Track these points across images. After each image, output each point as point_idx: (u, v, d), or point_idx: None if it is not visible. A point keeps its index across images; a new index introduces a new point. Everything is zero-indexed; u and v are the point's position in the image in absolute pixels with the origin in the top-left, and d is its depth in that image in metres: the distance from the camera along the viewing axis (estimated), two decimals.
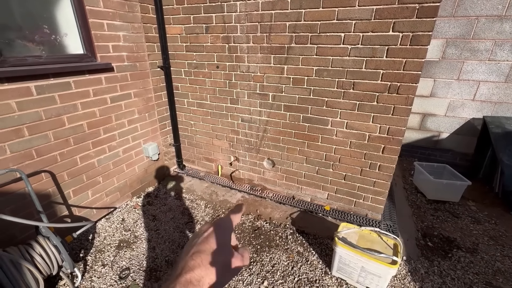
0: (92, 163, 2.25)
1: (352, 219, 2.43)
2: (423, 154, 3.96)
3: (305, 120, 2.38)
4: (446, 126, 3.67)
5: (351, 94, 2.10)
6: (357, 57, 1.98)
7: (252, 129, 2.68)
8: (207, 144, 3.06)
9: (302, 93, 2.29)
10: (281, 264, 2.02)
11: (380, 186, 2.29)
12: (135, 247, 2.16)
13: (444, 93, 3.53)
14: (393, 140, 2.09)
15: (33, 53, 1.77)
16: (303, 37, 2.11)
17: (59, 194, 2.04)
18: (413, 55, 1.82)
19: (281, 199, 2.73)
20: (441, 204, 2.97)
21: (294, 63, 2.22)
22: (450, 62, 3.38)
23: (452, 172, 3.09)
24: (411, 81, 1.88)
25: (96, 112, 2.19)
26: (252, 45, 2.33)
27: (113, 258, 2.04)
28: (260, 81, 2.43)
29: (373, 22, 1.85)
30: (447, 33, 3.28)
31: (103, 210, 2.44)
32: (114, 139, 2.41)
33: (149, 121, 2.76)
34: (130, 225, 2.39)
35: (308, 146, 2.46)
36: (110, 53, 2.21)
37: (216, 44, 2.49)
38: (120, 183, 2.56)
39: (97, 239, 2.22)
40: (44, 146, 1.88)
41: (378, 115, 2.07)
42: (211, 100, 2.78)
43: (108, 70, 2.21)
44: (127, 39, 2.34)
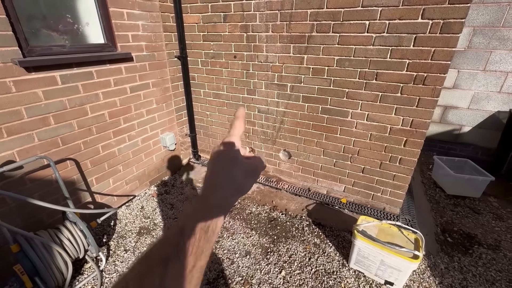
0: (113, 152, 2.30)
1: (369, 212, 2.41)
2: (442, 148, 3.85)
3: (324, 111, 2.33)
4: (468, 120, 3.53)
5: (374, 85, 2.04)
6: (382, 46, 1.91)
7: (269, 120, 2.66)
8: (223, 135, 3.06)
9: (322, 83, 2.24)
10: (298, 255, 2.03)
11: (400, 180, 2.24)
12: (155, 233, 2.22)
13: (468, 84, 3.37)
14: (417, 133, 2.03)
15: (57, 43, 1.79)
16: (325, 25, 2.04)
17: (83, 182, 2.10)
18: (443, 43, 1.73)
19: (297, 191, 2.73)
20: (460, 199, 2.89)
21: (314, 52, 2.17)
22: (476, 52, 3.21)
23: (474, 167, 2.99)
24: (439, 72, 1.80)
25: (117, 101, 2.22)
26: (272, 34, 2.28)
27: (134, 244, 2.11)
28: (278, 71, 2.39)
29: (401, 8, 1.77)
30: (475, 21, 3.11)
31: (123, 198, 2.51)
32: (134, 129, 2.44)
33: (166, 111, 2.79)
34: (149, 213, 2.45)
35: (326, 138, 2.43)
36: (129, 43, 2.21)
37: (234, 33, 2.46)
38: (139, 171, 2.62)
39: (118, 225, 2.29)
40: (69, 134, 1.93)
41: (402, 107, 2.00)
42: (228, 90, 2.77)
43: (128, 59, 2.22)
44: (146, 28, 2.33)
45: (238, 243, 2.14)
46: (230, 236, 2.21)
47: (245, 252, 2.05)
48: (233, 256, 2.02)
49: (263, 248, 2.10)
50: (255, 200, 2.69)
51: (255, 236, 2.21)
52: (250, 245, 2.12)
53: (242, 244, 2.13)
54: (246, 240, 2.17)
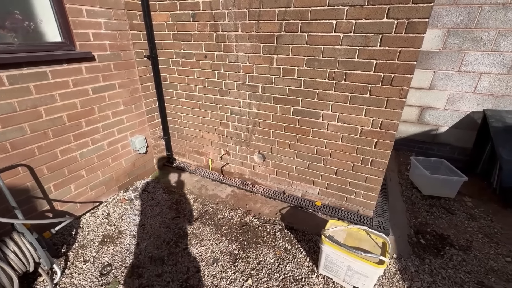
0: (74, 157, 2.18)
1: (343, 215, 2.37)
2: (420, 148, 3.87)
3: (295, 113, 2.28)
4: (445, 120, 3.56)
5: (343, 86, 2.00)
6: (350, 46, 1.87)
7: (242, 121, 2.59)
8: (197, 137, 2.97)
9: (293, 84, 2.18)
10: (267, 261, 1.96)
11: (372, 182, 2.21)
12: (119, 242, 2.11)
13: (444, 85, 3.40)
14: (386, 134, 2.00)
15: (4, 41, 1.67)
16: (293, 24, 1.99)
17: (38, 189, 1.97)
18: (408, 44, 1.70)
19: (272, 194, 2.67)
20: (436, 200, 2.90)
21: (284, 52, 2.11)
22: (451, 53, 3.24)
23: (449, 167, 3.01)
24: (405, 72, 1.78)
25: (77, 103, 2.10)
26: (241, 34, 2.21)
27: (95, 254, 2.00)
28: (249, 72, 2.33)
29: (367, 8, 1.73)
30: (449, 22, 3.14)
31: (88, 205, 2.39)
32: (98, 132, 2.32)
33: (136, 113, 2.67)
34: (115, 220, 2.33)
35: (299, 140, 2.38)
36: (90, 41, 2.10)
37: (203, 33, 2.37)
38: (105, 177, 2.49)
39: (80, 234, 2.17)
40: (19, 139, 1.80)
41: (371, 108, 1.97)
42: (200, 91, 2.68)
43: (89, 59, 2.10)
44: (109, 26, 2.22)
45: (206, 250, 2.06)
46: (199, 243, 2.12)
47: (212, 260, 1.97)
48: (199, 264, 1.94)
49: (231, 255, 2.02)
50: (229, 204, 2.61)
51: (225, 242, 2.13)
52: (219, 252, 2.04)
53: (210, 251, 2.04)
54: (215, 247, 2.09)
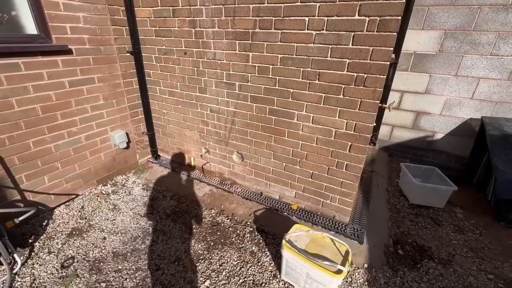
0: (48, 148, 2.20)
1: (318, 220, 2.28)
2: (415, 155, 3.71)
3: (271, 112, 2.22)
4: (441, 126, 3.40)
5: (317, 86, 1.93)
6: (322, 45, 1.80)
7: (221, 120, 2.55)
8: (180, 134, 2.96)
9: (268, 83, 2.13)
10: (230, 263, 1.91)
11: (347, 187, 2.12)
12: (87, 236, 2.11)
13: (440, 90, 3.25)
14: (360, 137, 1.91)
15: None
16: (267, 21, 1.93)
17: (8, 178, 2.00)
18: (380, 43, 1.62)
19: (249, 195, 2.61)
20: (424, 209, 2.76)
21: (259, 50, 2.06)
22: (448, 56, 3.09)
23: (440, 176, 2.86)
24: (378, 73, 1.69)
25: (52, 96, 2.13)
26: (218, 30, 2.18)
27: (61, 246, 2.00)
28: (226, 69, 2.29)
29: (338, 4, 1.66)
30: (446, 24, 2.99)
31: (63, 197, 2.41)
32: (75, 125, 2.34)
33: (117, 108, 2.68)
34: (88, 214, 2.34)
35: (275, 141, 2.31)
36: (68, 35, 2.12)
37: (183, 29, 2.36)
38: (82, 170, 2.51)
39: (50, 226, 2.19)
40: None
41: (345, 110, 1.89)
42: (181, 88, 2.67)
43: (65, 52, 2.12)
44: (89, 21, 2.24)
45: (171, 248, 2.03)
46: (165, 241, 2.09)
47: (174, 259, 1.93)
48: (160, 262, 1.90)
49: (195, 254, 1.98)
50: (205, 203, 2.57)
51: (192, 241, 2.09)
52: (183, 251, 2.00)
53: (174, 250, 2.01)
54: (181, 246, 2.05)
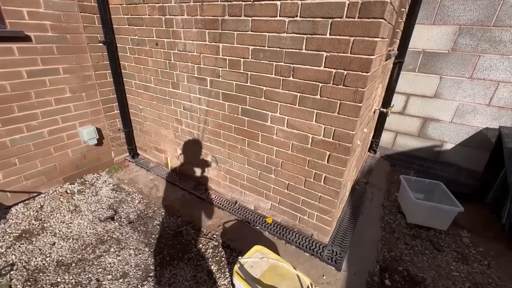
0: (3, 143, 2.05)
1: (293, 238, 1.99)
2: (421, 166, 3.32)
3: (243, 113, 1.95)
4: (451, 135, 2.99)
5: (291, 83, 1.64)
6: (296, 34, 1.50)
7: (194, 119, 2.31)
8: (156, 132, 2.75)
9: (239, 79, 1.86)
10: (181, 284, 1.66)
11: (325, 203, 1.82)
12: (36, 240, 1.94)
13: (452, 94, 2.85)
14: (340, 147, 1.60)
15: None
16: (236, 6, 1.66)
17: None
18: (362, 31, 1.31)
19: (222, 204, 2.36)
20: (424, 230, 2.40)
21: (228, 41, 1.79)
22: (462, 56, 2.69)
23: (445, 193, 2.49)
24: (360, 69, 1.38)
25: (6, 86, 1.96)
26: (187, 18, 1.93)
27: (4, 250, 1.84)
28: (197, 63, 2.04)
29: None
30: (461, 18, 2.60)
31: (22, 195, 2.26)
32: (35, 119, 2.18)
33: (88, 102, 2.51)
34: (45, 215, 2.17)
35: (249, 145, 2.04)
36: (25, 20, 1.95)
37: (153, 17, 2.13)
38: (45, 167, 2.35)
39: (1, 226, 2.03)
40: None
41: (322, 113, 1.59)
42: (155, 83, 2.45)
43: (22, 39, 1.95)
44: (51, 6, 2.06)
45: (121, 261, 1.81)
46: (117, 251, 1.88)
47: (121, 274, 1.71)
48: (105, 277, 1.69)
49: (146, 270, 1.75)
50: (173, 210, 2.35)
51: (146, 254, 1.87)
52: (133, 265, 1.78)
53: (124, 263, 1.79)
54: (132, 258, 1.83)
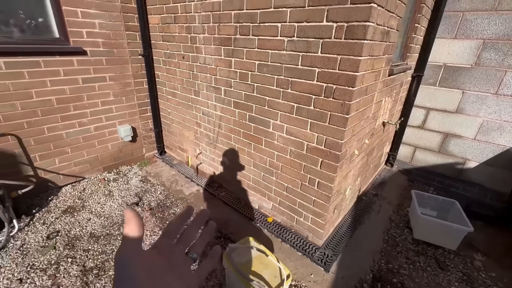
0: (60, 135, 2.56)
1: (288, 237, 2.14)
2: (441, 183, 3.18)
3: (250, 119, 2.18)
4: (475, 153, 2.85)
5: (289, 95, 1.83)
6: (293, 52, 1.70)
7: (210, 123, 2.60)
8: (180, 133, 3.12)
9: (247, 89, 2.10)
10: None
11: (319, 207, 1.94)
12: (77, 215, 2.38)
13: (475, 110, 2.73)
14: (330, 154, 1.73)
15: (6, 35, 2.10)
16: (245, 27, 1.92)
17: (24, 156, 2.39)
18: (348, 51, 1.46)
19: (230, 201, 2.59)
20: (432, 248, 2.34)
21: (239, 56, 2.05)
22: (486, 71, 2.59)
23: (459, 212, 2.40)
24: (346, 84, 1.52)
25: (66, 90, 2.48)
26: (207, 36, 2.25)
27: (53, 220, 2.30)
28: (214, 74, 2.34)
29: (307, 9, 1.55)
30: (485, 32, 2.52)
31: (70, 178, 2.76)
32: (85, 116, 2.68)
33: (127, 105, 2.97)
34: (86, 196, 2.64)
35: (254, 149, 2.26)
36: (83, 38, 2.45)
37: (181, 34, 2.50)
38: (90, 156, 2.84)
39: (53, 201, 2.53)
40: (11, 113, 2.23)
41: (315, 122, 1.74)
42: (181, 90, 2.82)
43: (80, 53, 2.45)
44: (104, 26, 2.55)
45: None
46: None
47: None
48: None
49: None
50: (188, 202, 2.65)
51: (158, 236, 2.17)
52: (147, 244, 2.09)
53: None
54: (148, 238, 2.15)
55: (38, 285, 1.73)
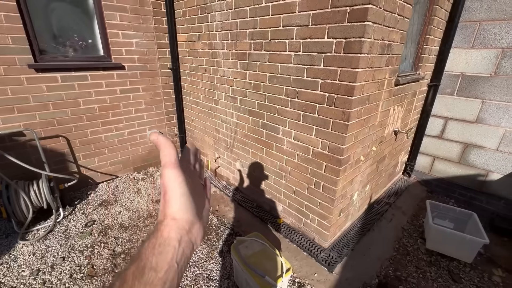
0: (100, 138, 2.96)
1: (295, 238, 2.25)
2: (463, 196, 3.07)
3: (263, 126, 2.37)
4: (498, 164, 2.74)
5: (296, 103, 2.00)
6: (299, 65, 1.88)
7: (228, 129, 2.84)
8: (201, 139, 3.40)
9: (260, 98, 2.31)
10: (197, 256, 2.12)
11: (324, 209, 2.04)
12: (110, 207, 2.72)
13: (497, 120, 2.66)
14: (333, 158, 1.85)
15: (63, 54, 2.55)
16: (258, 44, 2.15)
17: (71, 155, 2.81)
18: (346, 64, 1.60)
19: (244, 202, 2.77)
20: (447, 260, 2.30)
21: (253, 69, 2.28)
22: (507, 80, 2.54)
23: (476, 224, 2.33)
24: (346, 93, 1.66)
25: (107, 99, 2.89)
26: (226, 51, 2.52)
27: (91, 211, 2.66)
28: (231, 85, 2.59)
29: (310, 28, 1.74)
30: (504, 41, 2.49)
31: (106, 176, 3.15)
32: (121, 122, 3.07)
33: (156, 112, 3.34)
34: (118, 192, 2.99)
35: (266, 153, 2.44)
36: (123, 56, 2.86)
37: (204, 50, 2.80)
38: (123, 157, 3.22)
39: (92, 195, 2.91)
40: (63, 118, 2.66)
41: (319, 129, 1.89)
42: (203, 100, 3.11)
43: (120, 68, 2.86)
44: (139, 45, 2.95)
45: None
46: None
47: None
48: None
49: None
50: None
51: None
52: None
53: None
54: None
55: (77, 263, 2.04)
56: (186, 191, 0.36)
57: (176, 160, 0.37)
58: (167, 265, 0.31)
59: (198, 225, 0.38)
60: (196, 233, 0.37)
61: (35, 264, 2.03)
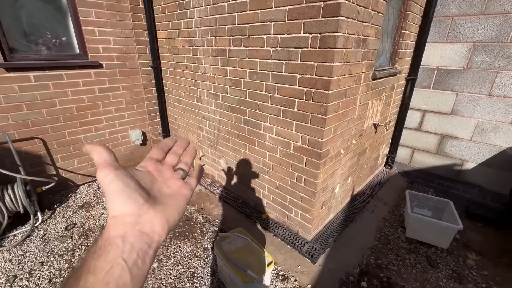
0: (79, 138, 2.88)
1: (280, 232, 2.28)
2: (440, 185, 3.19)
3: (245, 122, 2.38)
4: (472, 154, 2.87)
5: (276, 99, 2.01)
6: (277, 60, 1.89)
7: (211, 126, 2.83)
8: (185, 137, 3.36)
9: (241, 95, 2.30)
10: (182, 254, 2.11)
11: (306, 203, 2.08)
12: (92, 209, 2.66)
13: (470, 111, 2.77)
14: (313, 152, 1.88)
15: (35, 52, 2.45)
16: (237, 39, 2.14)
17: (48, 157, 2.72)
18: (322, 58, 1.63)
19: (229, 199, 2.77)
20: (425, 247, 2.39)
21: (233, 65, 2.27)
22: (478, 73, 2.64)
23: (453, 212, 2.43)
24: (323, 88, 1.68)
25: (85, 99, 2.80)
26: (206, 48, 2.49)
27: (71, 213, 2.58)
28: (212, 82, 2.57)
29: (287, 23, 1.75)
30: (475, 36, 2.59)
31: (87, 177, 3.07)
32: (101, 122, 2.99)
33: (137, 111, 3.27)
34: (100, 193, 2.92)
35: (249, 149, 2.44)
36: (100, 53, 2.78)
37: (184, 47, 2.77)
38: None
39: (72, 198, 2.83)
40: (38, 119, 2.57)
41: (299, 124, 1.91)
42: (185, 97, 3.07)
43: (97, 66, 2.78)
44: (117, 42, 2.87)
45: None
46: None
47: None
48: None
49: None
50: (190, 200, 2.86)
51: None
52: None
53: None
54: None
55: (56, 268, 1.99)
56: (120, 185, 0.35)
57: (105, 161, 0.37)
58: (109, 265, 0.30)
59: (151, 212, 0.36)
60: (149, 221, 0.35)
61: (12, 270, 1.96)
